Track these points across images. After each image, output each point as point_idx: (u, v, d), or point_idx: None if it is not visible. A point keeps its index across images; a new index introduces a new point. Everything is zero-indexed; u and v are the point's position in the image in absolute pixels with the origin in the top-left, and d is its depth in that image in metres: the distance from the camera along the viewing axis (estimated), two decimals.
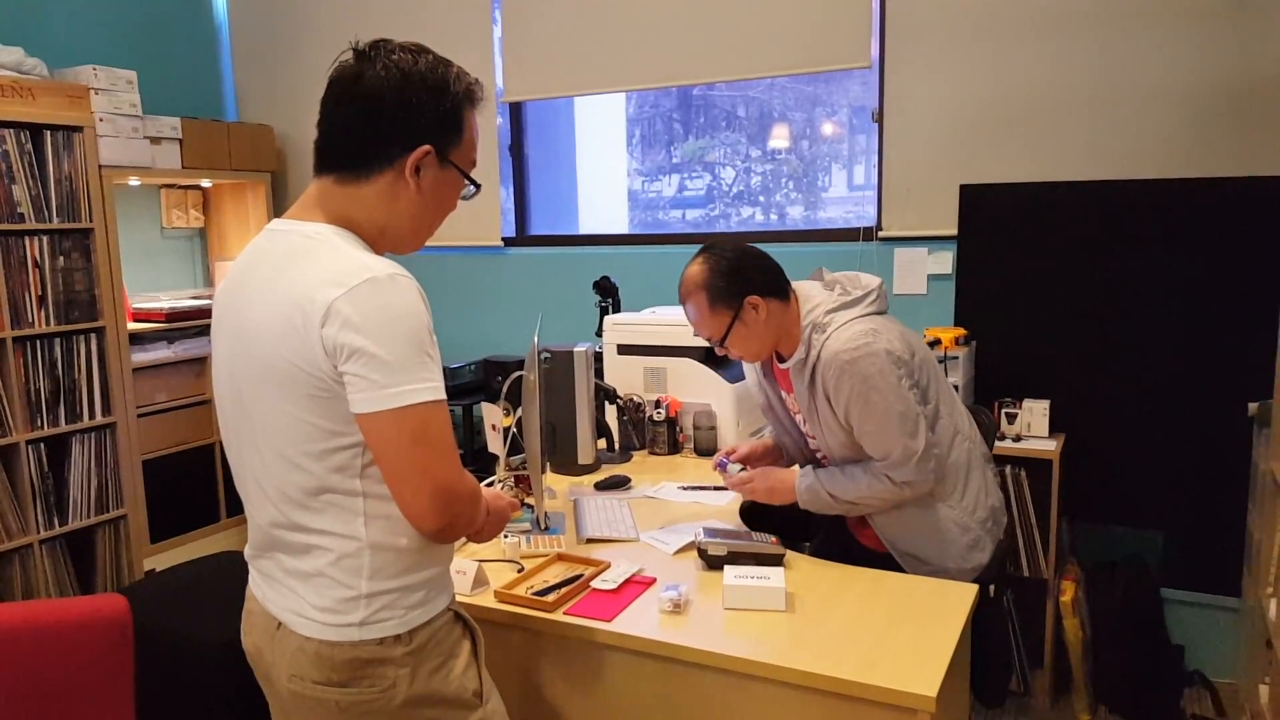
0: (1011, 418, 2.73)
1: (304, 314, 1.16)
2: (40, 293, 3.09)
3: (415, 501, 1.19)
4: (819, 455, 1.99)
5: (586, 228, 4.36)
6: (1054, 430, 2.78)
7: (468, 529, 1.28)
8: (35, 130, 3.07)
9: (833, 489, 1.86)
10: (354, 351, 1.14)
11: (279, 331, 1.19)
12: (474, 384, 3.63)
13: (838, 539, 2.05)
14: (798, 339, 1.86)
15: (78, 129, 3.19)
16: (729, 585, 1.61)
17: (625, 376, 2.78)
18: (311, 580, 1.26)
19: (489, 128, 3.69)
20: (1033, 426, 2.75)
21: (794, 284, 1.92)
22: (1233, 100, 2.62)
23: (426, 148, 1.25)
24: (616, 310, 3.19)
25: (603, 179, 4.78)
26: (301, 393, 1.19)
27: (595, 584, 1.69)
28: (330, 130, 1.27)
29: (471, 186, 1.34)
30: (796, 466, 2.01)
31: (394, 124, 1.24)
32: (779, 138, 4.63)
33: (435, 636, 1.30)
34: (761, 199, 4.60)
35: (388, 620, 1.25)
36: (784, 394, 2.02)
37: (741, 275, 1.86)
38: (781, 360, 1.95)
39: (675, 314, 2.80)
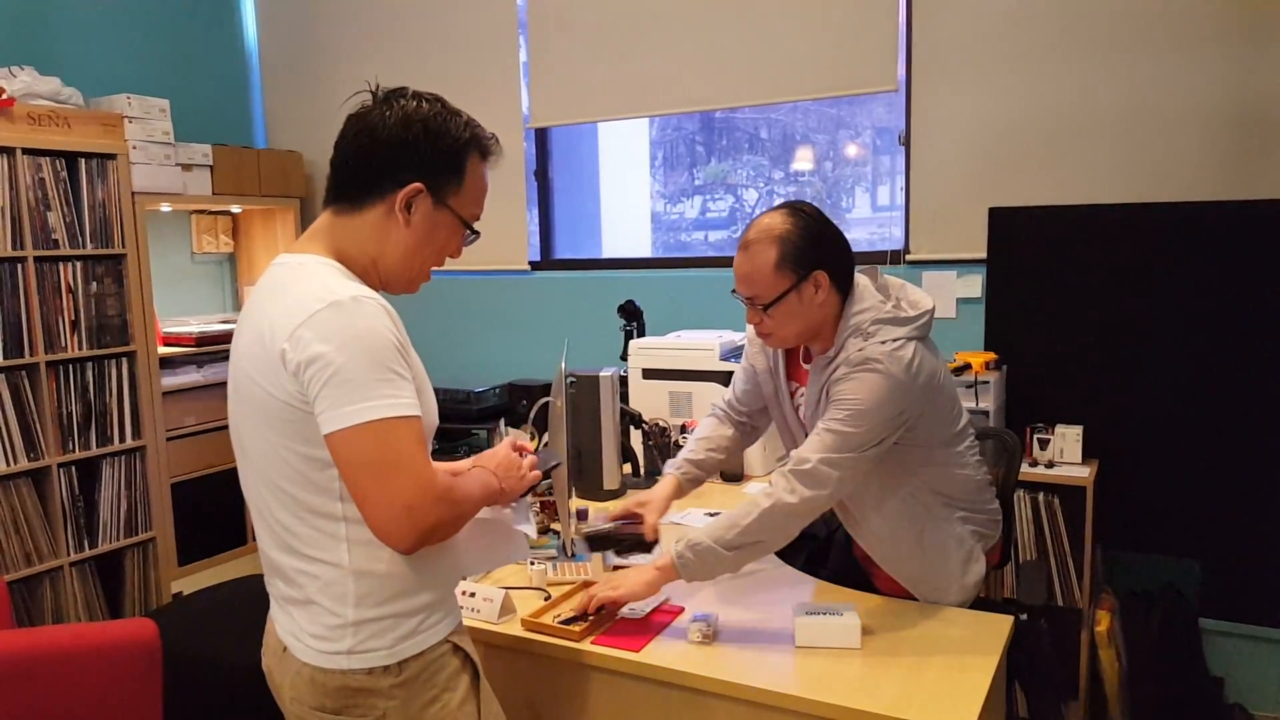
0: (1044, 444, 2.69)
1: (271, 340, 1.20)
2: (73, 317, 3.14)
3: (380, 521, 1.18)
4: None
5: (610, 250, 4.37)
6: (1087, 456, 2.73)
7: (449, 534, 1.27)
8: (70, 158, 3.13)
9: (717, 537, 1.60)
10: (315, 373, 1.17)
11: (254, 359, 1.24)
12: (499, 408, 3.63)
13: (849, 573, 1.97)
14: (830, 342, 1.72)
15: (111, 156, 3.24)
16: (801, 622, 1.57)
17: (650, 401, 2.77)
18: (305, 607, 1.28)
19: (515, 154, 3.71)
20: (1065, 453, 2.70)
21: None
22: (1261, 122, 2.58)
23: (417, 185, 1.28)
24: (641, 334, 3.19)
25: (626, 202, 4.80)
26: (276, 417, 1.22)
27: (623, 613, 1.67)
28: (335, 162, 1.32)
29: (470, 233, 1.36)
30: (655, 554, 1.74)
31: (386, 157, 1.28)
32: (802, 159, 4.63)
33: (428, 669, 1.29)
34: None
35: (376, 650, 1.25)
36: (792, 390, 1.89)
37: (821, 245, 1.68)
38: (808, 359, 1.83)
39: (700, 338, 2.80)
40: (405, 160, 1.27)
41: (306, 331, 1.17)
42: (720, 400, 2.10)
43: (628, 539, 1.81)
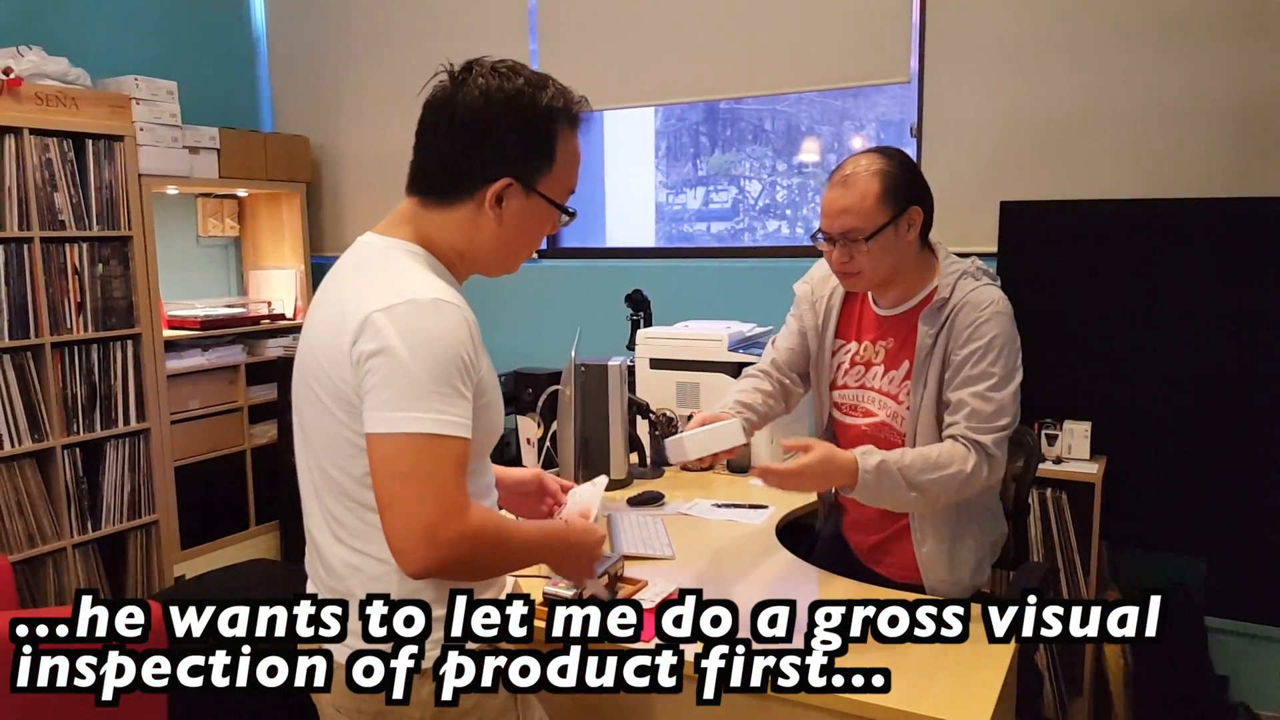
0: (1052, 439, 2.68)
1: (342, 327, 1.17)
2: (79, 299, 3.13)
3: (397, 535, 1.11)
4: (866, 423, 1.85)
5: (614, 240, 4.36)
6: (1095, 453, 2.72)
7: (469, 575, 1.22)
8: (78, 139, 3.12)
9: (907, 469, 1.63)
10: (374, 367, 1.13)
11: (326, 340, 1.20)
12: (505, 396, 3.62)
13: (839, 557, 1.97)
14: (913, 285, 1.77)
15: (119, 138, 3.23)
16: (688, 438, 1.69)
17: (657, 390, 2.76)
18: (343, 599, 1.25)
19: None
20: (1073, 449, 2.69)
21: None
22: (1275, 118, 2.57)
23: (507, 180, 1.22)
24: (648, 324, 3.17)
25: (630, 192, 4.78)
26: (338, 401, 1.19)
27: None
28: (421, 155, 1.27)
29: (564, 215, 1.31)
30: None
31: (476, 153, 1.21)
32: (807, 151, 4.61)
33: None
34: (788, 212, 4.57)
35: None
36: (847, 345, 1.89)
37: (918, 183, 1.72)
38: (878, 305, 1.84)
39: (709, 329, 2.79)
40: (491, 152, 1.21)
41: (379, 320, 1.13)
42: (753, 368, 2.07)
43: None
